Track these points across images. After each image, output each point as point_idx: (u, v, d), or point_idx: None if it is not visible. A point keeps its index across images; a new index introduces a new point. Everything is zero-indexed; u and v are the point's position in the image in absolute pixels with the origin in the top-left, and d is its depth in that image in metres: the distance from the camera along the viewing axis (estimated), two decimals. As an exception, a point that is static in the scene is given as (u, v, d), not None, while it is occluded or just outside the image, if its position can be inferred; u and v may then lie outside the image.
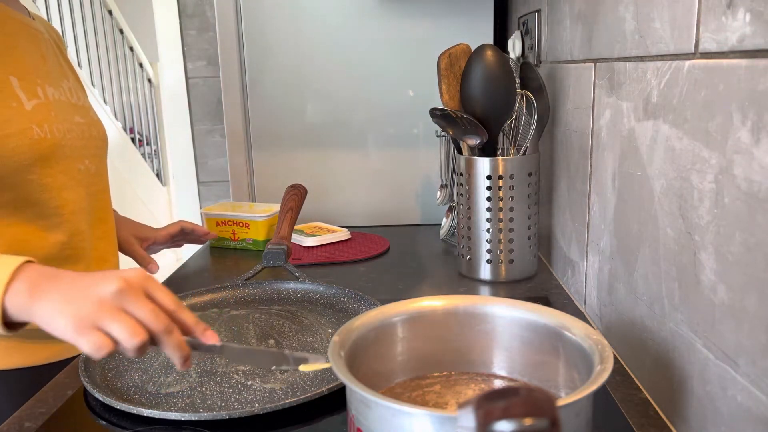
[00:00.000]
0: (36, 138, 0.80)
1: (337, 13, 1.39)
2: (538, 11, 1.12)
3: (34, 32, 0.88)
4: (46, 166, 0.82)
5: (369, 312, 0.58)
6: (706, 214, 0.51)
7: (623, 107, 0.70)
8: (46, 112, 0.83)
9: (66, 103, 0.89)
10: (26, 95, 0.81)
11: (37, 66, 0.86)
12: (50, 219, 0.84)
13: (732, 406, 0.48)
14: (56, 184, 0.84)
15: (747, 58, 0.45)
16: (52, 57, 0.92)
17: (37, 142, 0.80)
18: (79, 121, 0.90)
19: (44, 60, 0.88)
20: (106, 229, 0.96)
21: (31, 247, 0.83)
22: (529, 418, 0.28)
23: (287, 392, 0.66)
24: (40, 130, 0.80)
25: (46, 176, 0.82)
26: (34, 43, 0.87)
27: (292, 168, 1.46)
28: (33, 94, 0.82)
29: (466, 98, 0.97)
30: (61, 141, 0.84)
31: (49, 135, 0.82)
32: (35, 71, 0.84)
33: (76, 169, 0.88)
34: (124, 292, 0.55)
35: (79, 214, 0.89)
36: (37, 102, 0.82)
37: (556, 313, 0.56)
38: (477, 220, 0.99)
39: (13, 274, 0.60)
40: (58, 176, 0.84)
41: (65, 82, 0.92)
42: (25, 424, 0.63)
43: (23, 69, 0.82)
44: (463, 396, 0.57)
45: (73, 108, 0.91)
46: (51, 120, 0.83)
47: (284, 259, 0.98)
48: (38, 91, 0.83)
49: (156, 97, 4.71)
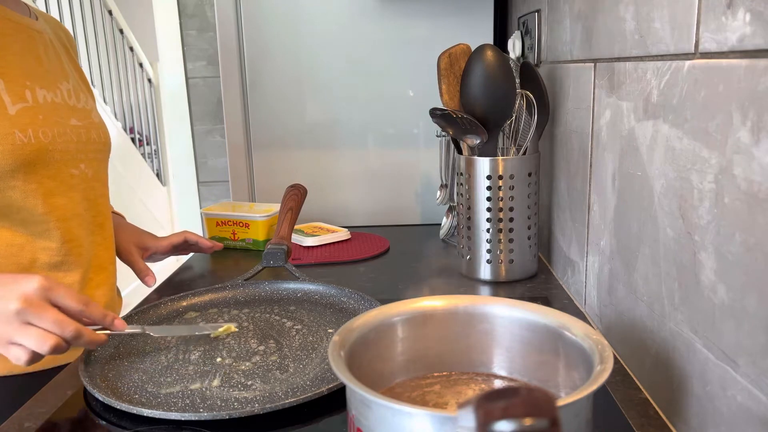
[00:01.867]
0: (18, 143, 0.78)
1: (337, 13, 1.39)
2: (538, 11, 1.12)
3: (31, 32, 0.87)
4: (30, 171, 0.81)
5: (369, 312, 0.58)
6: (706, 214, 0.51)
7: (623, 107, 0.70)
8: (32, 115, 0.81)
9: (61, 106, 0.87)
10: (11, 98, 0.79)
11: (29, 68, 0.84)
12: (38, 225, 0.83)
13: (732, 406, 0.48)
14: (42, 190, 0.83)
15: (747, 58, 0.45)
16: (52, 57, 0.90)
17: (20, 148, 0.78)
18: (76, 124, 0.89)
19: (39, 61, 0.87)
20: (105, 236, 0.95)
21: (23, 253, 0.83)
22: (529, 418, 0.28)
23: (287, 392, 0.66)
24: (23, 135, 0.79)
25: (31, 182, 0.81)
26: (29, 43, 0.86)
27: (292, 168, 1.46)
28: (19, 97, 0.81)
29: (466, 98, 0.97)
30: (49, 145, 0.82)
31: (33, 140, 0.80)
32: (25, 73, 0.83)
33: (67, 173, 0.86)
34: (25, 311, 0.62)
35: (73, 220, 0.87)
36: (23, 105, 0.81)
37: (556, 313, 0.56)
38: (477, 220, 0.99)
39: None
40: (45, 182, 0.83)
41: (65, 83, 0.90)
42: (25, 424, 0.63)
43: (11, 71, 0.81)
44: (463, 396, 0.57)
45: (70, 110, 0.89)
46: (37, 124, 0.81)
47: (284, 259, 0.98)
48: (26, 94, 0.82)
49: (156, 97, 4.70)
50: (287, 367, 0.72)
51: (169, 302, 0.90)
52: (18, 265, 0.83)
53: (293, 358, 0.74)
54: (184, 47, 1.86)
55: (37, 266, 0.84)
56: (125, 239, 1.06)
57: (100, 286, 0.93)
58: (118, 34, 4.43)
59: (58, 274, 0.87)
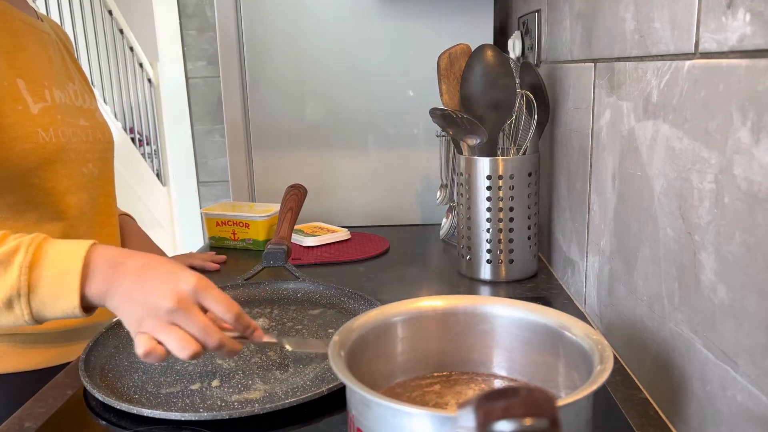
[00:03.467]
0: (41, 142, 0.79)
1: (337, 13, 1.39)
2: (538, 11, 1.12)
3: (41, 34, 0.88)
4: (50, 170, 0.81)
5: (369, 312, 0.58)
6: (706, 214, 0.51)
7: (623, 107, 0.70)
8: (52, 115, 0.82)
9: (71, 106, 0.88)
10: (32, 98, 0.80)
11: (44, 68, 0.85)
12: (53, 223, 0.83)
13: (732, 406, 0.48)
14: (60, 188, 0.84)
15: (747, 58, 0.45)
16: (58, 59, 0.91)
17: (42, 146, 0.79)
18: (84, 125, 0.90)
19: (51, 62, 0.88)
20: (106, 234, 0.95)
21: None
22: (529, 418, 0.28)
23: (287, 392, 0.66)
24: (45, 133, 0.80)
25: (50, 180, 0.82)
26: (41, 45, 0.87)
27: (292, 168, 1.46)
28: (39, 96, 0.82)
29: (466, 98, 0.97)
30: (66, 145, 0.84)
31: (54, 139, 0.81)
32: (42, 74, 0.84)
33: (79, 173, 0.87)
34: (176, 311, 0.59)
35: (81, 219, 0.88)
36: (44, 105, 0.82)
37: (556, 313, 0.56)
38: (477, 220, 0.99)
39: (84, 264, 0.61)
40: (62, 180, 0.84)
41: (71, 84, 0.91)
42: (25, 424, 0.63)
43: (30, 71, 0.82)
44: (463, 396, 0.57)
45: (78, 111, 0.90)
46: (57, 123, 0.82)
47: (284, 259, 0.98)
48: (45, 93, 0.83)
49: (156, 97, 4.70)
50: (287, 367, 0.72)
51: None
52: None
53: (293, 358, 0.74)
54: (184, 47, 1.86)
55: None
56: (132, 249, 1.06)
57: None
58: (118, 34, 4.44)
59: None
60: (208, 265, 1.12)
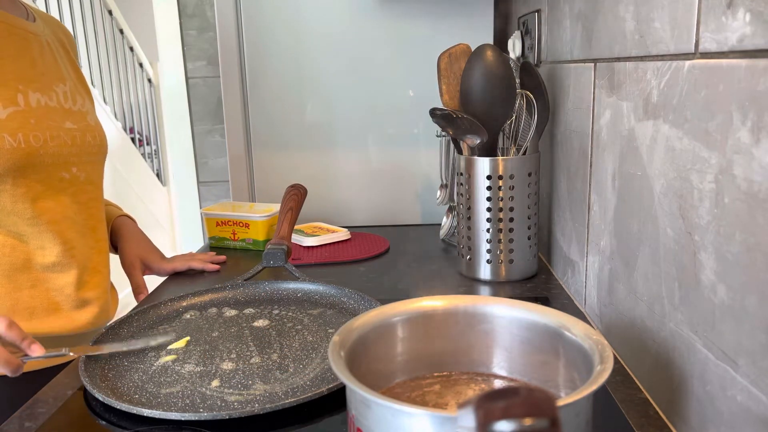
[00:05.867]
0: (7, 147, 0.79)
1: (337, 14, 1.39)
2: (538, 11, 1.12)
3: (25, 34, 0.87)
4: (19, 176, 0.81)
5: (369, 312, 0.58)
6: (706, 214, 0.51)
7: (623, 107, 0.70)
8: (24, 120, 0.81)
9: (55, 109, 0.87)
10: (2, 103, 0.80)
11: (22, 71, 0.84)
12: (28, 228, 0.84)
13: (732, 406, 0.48)
14: (31, 193, 0.83)
15: (747, 58, 0.45)
16: (48, 60, 0.90)
17: (9, 152, 0.79)
18: (70, 127, 0.89)
19: (33, 64, 0.86)
20: (97, 239, 0.95)
21: (15, 253, 0.83)
22: (529, 418, 0.28)
23: (287, 392, 0.66)
24: (13, 139, 0.79)
25: (20, 186, 0.81)
26: (23, 46, 0.86)
27: (292, 168, 1.46)
28: (11, 101, 0.81)
29: (466, 98, 0.97)
30: (40, 149, 0.83)
31: (24, 144, 0.80)
32: (18, 77, 0.83)
33: (57, 177, 0.86)
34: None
35: (63, 223, 0.87)
36: (15, 109, 0.81)
37: (556, 313, 0.56)
38: (477, 220, 0.99)
39: None
40: (34, 185, 0.83)
41: (61, 85, 0.90)
42: (25, 424, 0.63)
43: (3, 75, 0.81)
44: (463, 396, 0.57)
45: (65, 113, 0.89)
46: (28, 128, 0.81)
47: (284, 259, 0.98)
48: (18, 98, 0.82)
49: (156, 97, 4.70)
50: (287, 367, 0.72)
51: (169, 302, 0.90)
52: (12, 265, 0.84)
53: (293, 358, 0.74)
54: (184, 47, 1.86)
55: (32, 266, 0.85)
56: (132, 251, 1.06)
57: (95, 288, 0.94)
58: (118, 34, 4.43)
59: (52, 274, 0.87)
60: (208, 266, 1.12)
